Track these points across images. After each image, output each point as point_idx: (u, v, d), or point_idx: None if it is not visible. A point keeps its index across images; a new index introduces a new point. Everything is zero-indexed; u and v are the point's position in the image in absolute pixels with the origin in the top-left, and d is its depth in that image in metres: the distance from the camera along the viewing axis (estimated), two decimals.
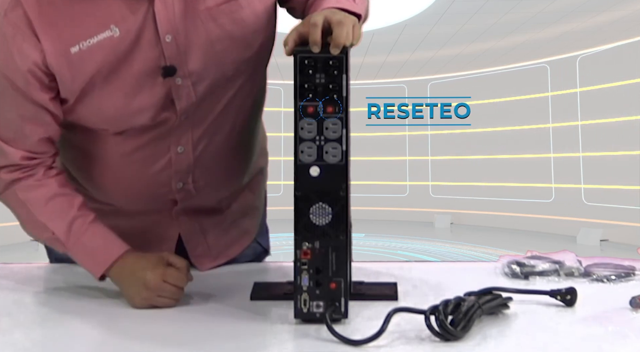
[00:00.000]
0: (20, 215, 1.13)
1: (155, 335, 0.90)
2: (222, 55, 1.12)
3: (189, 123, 1.16)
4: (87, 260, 1.09)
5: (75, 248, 1.09)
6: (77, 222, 1.09)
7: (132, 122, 1.12)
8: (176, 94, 1.11)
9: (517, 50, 9.04)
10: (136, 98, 1.09)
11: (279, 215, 1.45)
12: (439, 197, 11.22)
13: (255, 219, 1.44)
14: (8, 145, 1.10)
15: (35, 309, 1.11)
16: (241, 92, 1.19)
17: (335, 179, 0.89)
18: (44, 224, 1.09)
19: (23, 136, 1.10)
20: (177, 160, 1.19)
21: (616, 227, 8.40)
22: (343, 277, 0.90)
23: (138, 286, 1.02)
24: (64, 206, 1.10)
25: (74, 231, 1.08)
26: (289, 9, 1.23)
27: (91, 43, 1.04)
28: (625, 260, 1.25)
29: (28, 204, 1.10)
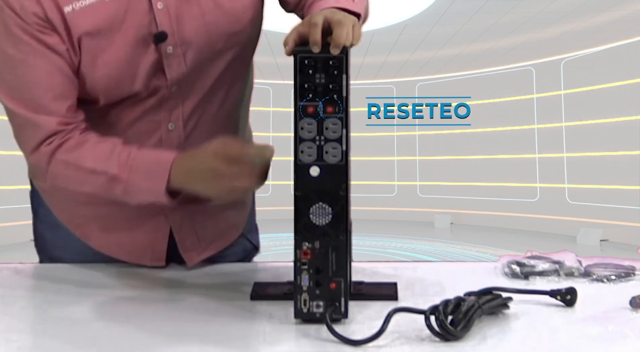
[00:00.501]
0: (70, 176, 1.10)
1: (154, 335, 0.90)
2: (212, 26, 1.15)
3: (180, 96, 1.18)
4: (147, 183, 1.05)
5: (131, 177, 1.06)
6: (124, 154, 1.07)
7: (124, 90, 1.13)
8: (167, 62, 1.13)
9: (517, 50, 9.04)
10: (128, 64, 1.11)
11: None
12: (439, 197, 11.23)
13: (243, 213, 1.45)
14: (41, 114, 1.08)
15: (30, 309, 1.11)
16: (230, 70, 1.22)
17: (335, 179, 0.89)
18: (94, 169, 1.07)
19: (54, 98, 1.08)
20: (167, 137, 1.20)
21: (616, 227, 8.41)
22: (343, 277, 0.90)
23: (208, 178, 1.00)
24: (108, 148, 1.08)
25: (124, 162, 1.06)
26: (281, 2, 1.25)
27: (84, 5, 1.07)
28: (625, 260, 1.25)
29: (73, 160, 1.08)
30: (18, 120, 1.10)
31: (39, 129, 1.08)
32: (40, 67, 1.07)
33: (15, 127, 1.12)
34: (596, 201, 8.87)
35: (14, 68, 1.08)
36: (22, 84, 1.08)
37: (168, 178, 1.03)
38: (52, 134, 1.08)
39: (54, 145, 1.08)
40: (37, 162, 1.11)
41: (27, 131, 1.10)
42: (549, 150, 9.77)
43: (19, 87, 1.08)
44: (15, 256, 1.39)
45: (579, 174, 9.18)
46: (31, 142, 1.09)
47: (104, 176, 1.06)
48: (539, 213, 9.70)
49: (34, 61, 1.07)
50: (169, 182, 1.03)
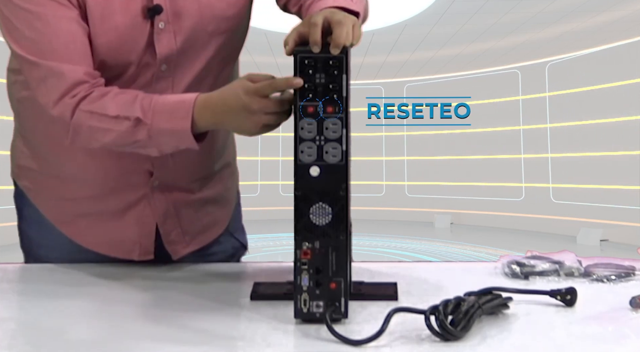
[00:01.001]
0: (93, 127, 1.09)
1: (153, 335, 0.90)
2: (205, 7, 1.17)
3: (170, 77, 1.19)
4: (171, 123, 1.05)
5: (154, 119, 1.05)
6: (146, 100, 1.07)
7: (116, 63, 1.14)
8: (157, 37, 1.15)
9: (517, 50, 9.04)
10: (127, 35, 1.13)
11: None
12: (439, 197, 11.23)
13: (226, 209, 1.46)
14: (64, 63, 1.08)
15: (27, 309, 1.11)
16: (219, 57, 1.23)
17: (335, 179, 0.89)
18: (117, 115, 1.06)
19: (76, 49, 1.09)
20: None
21: (616, 227, 8.41)
22: (343, 277, 0.90)
23: (241, 114, 0.99)
24: (131, 96, 1.08)
25: (146, 106, 1.06)
26: (285, 9, 1.25)
27: None
28: (625, 260, 1.25)
29: (96, 110, 1.07)
30: (40, 73, 1.09)
31: (64, 79, 1.08)
32: (60, 17, 1.08)
33: (36, 80, 1.11)
34: (596, 201, 8.88)
35: (32, 22, 1.08)
36: (44, 36, 1.08)
37: (192, 117, 1.03)
38: (78, 83, 1.08)
39: (78, 97, 1.08)
40: (61, 114, 1.10)
41: (51, 82, 1.09)
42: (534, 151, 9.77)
43: (40, 40, 1.08)
44: (16, 256, 1.39)
45: (586, 174, 9.17)
46: (55, 93, 1.09)
47: (127, 121, 1.06)
48: (539, 213, 9.70)
49: (52, 12, 1.08)
50: (194, 122, 1.04)
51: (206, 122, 1.05)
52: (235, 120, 1.02)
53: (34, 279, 1.26)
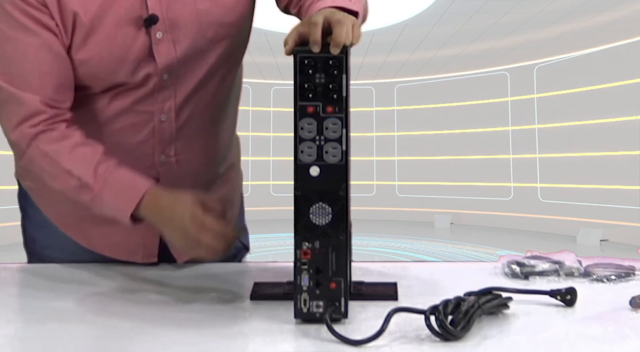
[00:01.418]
0: (45, 168, 1.09)
1: (153, 335, 0.90)
2: (203, 15, 1.16)
3: (172, 86, 1.19)
4: (116, 201, 1.06)
5: (103, 191, 1.06)
6: (102, 165, 1.07)
7: (113, 74, 1.14)
8: (156, 47, 1.14)
9: (517, 50, 9.05)
10: (118, 47, 1.12)
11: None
12: (439, 197, 11.24)
13: (231, 212, 1.46)
14: (25, 92, 1.08)
15: (18, 308, 1.11)
16: (222, 63, 1.23)
17: (335, 179, 0.89)
18: (69, 170, 1.07)
19: (40, 76, 1.08)
20: (160, 128, 1.21)
21: (616, 227, 8.41)
22: (343, 277, 0.90)
23: (178, 234, 1.01)
24: (88, 153, 1.08)
25: (100, 174, 1.06)
26: (284, 10, 1.25)
27: None
28: (625, 260, 1.25)
29: (51, 154, 1.08)
30: (3, 95, 1.10)
31: (23, 106, 1.08)
32: (29, 44, 1.07)
33: (0, 101, 1.12)
34: (596, 201, 8.88)
35: (3, 43, 1.08)
36: (11, 59, 1.08)
37: (138, 205, 1.04)
38: (35, 113, 1.08)
39: (37, 129, 1.08)
40: (17, 141, 1.10)
41: (11, 107, 1.10)
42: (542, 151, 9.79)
43: (7, 62, 1.09)
44: (16, 256, 1.39)
45: (583, 174, 9.18)
46: (14, 118, 1.09)
47: (77, 180, 1.06)
48: (539, 213, 9.71)
49: (24, 38, 1.07)
50: (137, 209, 1.04)
51: (146, 217, 1.06)
52: (171, 234, 1.03)
53: (37, 278, 1.26)
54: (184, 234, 1.00)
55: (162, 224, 1.04)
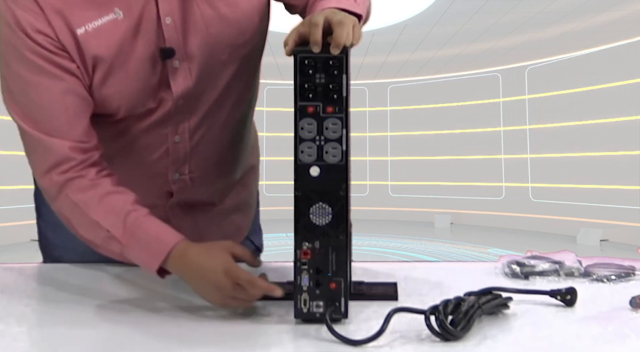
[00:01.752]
0: (74, 218, 1.07)
1: (154, 335, 0.90)
2: (216, 38, 1.14)
3: (186, 110, 1.17)
4: (142, 255, 1.02)
5: (130, 243, 1.02)
6: (131, 216, 1.03)
7: (133, 106, 1.13)
8: (173, 76, 1.13)
9: (516, 50, 9.05)
10: (138, 81, 1.10)
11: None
12: (439, 197, 11.24)
13: (248, 216, 1.46)
14: (53, 137, 1.06)
15: (32, 309, 1.11)
16: (235, 81, 1.21)
17: (335, 179, 0.89)
18: (98, 222, 1.04)
19: (67, 120, 1.06)
20: (174, 149, 1.20)
21: (616, 227, 8.41)
22: (343, 277, 0.90)
23: (211, 291, 0.96)
24: (118, 203, 1.05)
25: (129, 226, 1.02)
26: (287, 5, 1.24)
27: (96, 25, 1.06)
28: (625, 260, 1.25)
29: (81, 204, 1.05)
30: (30, 141, 1.08)
31: (51, 153, 1.06)
32: (53, 89, 1.05)
33: (27, 146, 1.10)
34: (596, 201, 8.88)
35: (26, 90, 1.06)
36: (36, 105, 1.06)
37: (164, 260, 1.00)
38: (65, 160, 1.06)
39: (66, 177, 1.06)
40: (47, 188, 1.08)
41: (39, 153, 1.08)
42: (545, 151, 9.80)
43: (32, 109, 1.06)
44: (15, 256, 1.39)
45: (584, 174, 9.18)
46: (42, 165, 1.07)
47: (106, 232, 1.03)
48: (539, 213, 9.71)
49: (47, 83, 1.05)
50: (164, 264, 1.01)
51: (174, 271, 1.02)
52: (202, 289, 0.98)
53: (50, 278, 1.27)
54: (217, 290, 0.95)
55: (193, 279, 0.99)
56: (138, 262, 1.04)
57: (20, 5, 1.03)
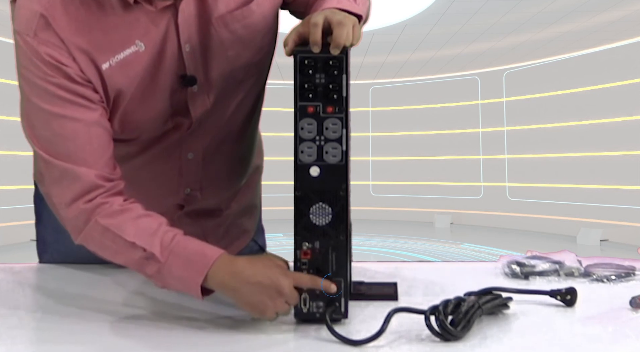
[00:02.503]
0: (106, 244, 1.01)
1: (154, 336, 0.90)
2: (234, 60, 1.13)
3: (201, 130, 1.18)
4: (185, 269, 0.95)
5: (170, 260, 0.96)
6: (168, 235, 0.98)
7: (152, 131, 1.13)
8: (192, 101, 1.13)
9: (517, 50, 9.05)
10: (159, 109, 1.11)
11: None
12: (439, 197, 11.25)
13: (254, 218, 1.46)
14: (80, 166, 1.02)
15: (31, 309, 1.11)
16: (249, 95, 1.21)
17: (335, 179, 0.89)
18: (133, 243, 0.98)
19: (92, 150, 1.03)
20: (187, 166, 1.21)
21: (616, 227, 8.41)
22: (343, 277, 0.90)
23: (266, 293, 0.90)
24: (152, 224, 1.00)
25: (166, 244, 0.97)
26: (292, 11, 1.24)
27: (119, 59, 1.05)
28: (625, 260, 1.25)
29: (113, 227, 0.99)
30: (55, 172, 1.04)
31: (78, 181, 1.02)
32: (78, 121, 1.03)
33: (51, 179, 1.06)
34: (596, 201, 8.88)
35: (49, 122, 1.03)
36: (60, 137, 1.03)
37: (207, 273, 0.94)
38: (93, 188, 1.02)
39: (94, 203, 1.01)
40: (74, 218, 1.03)
41: (65, 183, 1.03)
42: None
43: (56, 141, 1.04)
44: (15, 256, 1.38)
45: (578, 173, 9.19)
46: (69, 194, 1.03)
47: (142, 252, 0.98)
48: (539, 213, 9.72)
49: (71, 114, 1.02)
50: (207, 278, 0.94)
51: (217, 283, 0.94)
52: (253, 295, 0.91)
53: (49, 278, 1.27)
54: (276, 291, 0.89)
55: (242, 287, 0.92)
56: (177, 282, 0.97)
57: (43, 42, 1.01)
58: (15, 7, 1.03)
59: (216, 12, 1.10)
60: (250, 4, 1.12)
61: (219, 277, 0.93)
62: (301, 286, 0.90)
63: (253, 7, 1.12)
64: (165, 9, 1.06)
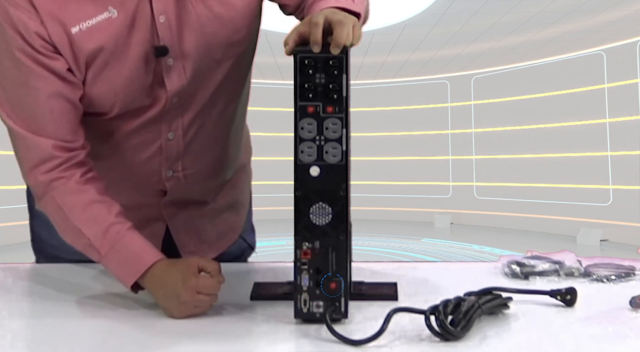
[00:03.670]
0: (57, 220, 1.09)
1: (154, 335, 0.90)
2: (211, 38, 1.14)
3: (180, 107, 1.18)
4: (120, 269, 1.03)
5: (109, 256, 1.03)
6: (113, 228, 1.04)
7: (126, 104, 1.13)
8: (167, 74, 1.13)
9: (517, 50, 9.05)
10: (131, 79, 1.11)
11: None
12: (439, 197, 11.25)
13: (241, 215, 1.46)
14: (37, 136, 1.06)
15: (30, 309, 1.11)
16: (229, 78, 1.21)
17: (335, 179, 0.89)
18: (80, 229, 1.05)
19: (52, 120, 1.07)
20: (167, 146, 1.21)
21: (616, 227, 8.41)
22: (343, 277, 0.90)
23: (172, 300, 0.97)
24: (102, 212, 1.05)
25: (109, 238, 1.03)
26: (280, 5, 1.24)
27: (90, 24, 1.06)
28: (625, 260, 1.25)
29: (65, 208, 1.06)
30: (16, 139, 1.09)
31: (36, 151, 1.07)
32: (41, 90, 1.06)
33: (14, 144, 1.11)
34: (596, 201, 8.88)
35: (15, 88, 1.07)
36: (24, 104, 1.07)
37: (141, 276, 1.01)
38: (48, 158, 1.06)
39: (51, 176, 1.06)
40: (33, 185, 1.10)
41: (24, 151, 1.09)
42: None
43: (20, 107, 1.07)
44: (15, 256, 1.38)
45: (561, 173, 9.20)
46: (28, 163, 1.08)
47: (87, 240, 1.04)
48: (539, 213, 9.72)
49: (35, 84, 1.05)
50: (139, 281, 1.02)
51: (146, 287, 1.03)
52: (163, 301, 0.99)
53: (46, 277, 1.27)
54: (177, 300, 0.96)
55: (156, 294, 1.00)
56: (114, 275, 1.05)
57: (13, 4, 1.04)
58: None
59: None
60: None
61: (146, 283, 1.01)
62: (205, 292, 0.96)
63: None
64: None
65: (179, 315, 0.97)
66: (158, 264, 1.02)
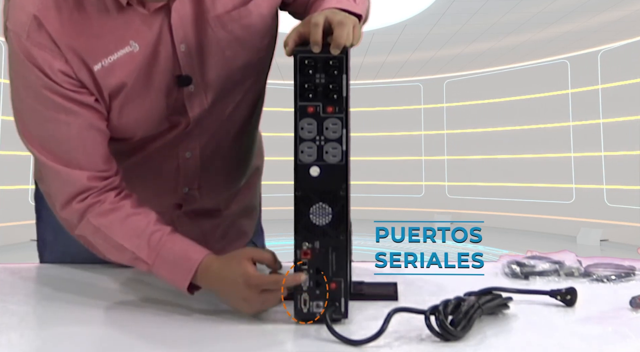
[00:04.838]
0: (98, 242, 1.06)
1: (154, 335, 0.90)
2: (232, 61, 1.13)
3: (199, 128, 1.17)
4: (171, 274, 1.01)
5: (157, 264, 1.02)
6: (155, 236, 1.02)
7: (148, 131, 1.13)
8: (189, 101, 1.12)
9: (516, 50, 9.06)
10: (154, 109, 1.10)
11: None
12: (439, 197, 11.26)
13: (253, 220, 1.46)
14: (72, 169, 1.05)
15: (31, 309, 1.11)
16: (247, 95, 1.21)
17: (336, 179, 0.89)
18: (122, 245, 1.03)
19: (85, 152, 1.05)
20: (184, 165, 1.21)
21: (616, 227, 8.41)
22: (343, 277, 0.90)
23: (238, 300, 0.95)
24: (140, 224, 1.04)
25: (153, 247, 1.01)
26: (291, 12, 1.23)
27: (112, 60, 1.04)
28: (625, 260, 1.25)
29: (103, 228, 1.04)
30: (49, 172, 1.07)
31: (70, 184, 1.05)
32: (72, 125, 1.04)
33: (46, 177, 1.09)
34: (596, 201, 8.88)
35: (43, 123, 1.05)
36: (54, 138, 1.05)
37: (193, 275, 0.99)
38: (85, 190, 1.05)
39: (86, 203, 1.05)
40: (68, 217, 1.07)
41: (58, 184, 1.07)
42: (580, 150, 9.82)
43: (49, 141, 1.05)
44: (15, 256, 1.38)
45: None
46: (62, 196, 1.06)
47: (131, 253, 1.03)
48: (540, 213, 9.72)
49: (65, 118, 1.03)
50: (193, 281, 1.00)
51: (204, 286, 1.00)
52: (231, 302, 0.97)
53: (49, 278, 1.27)
54: (244, 301, 0.94)
55: (221, 293, 0.98)
56: (166, 280, 1.03)
57: (36, 43, 1.00)
58: (10, 6, 1.03)
59: (213, 12, 1.09)
60: (248, 4, 1.12)
61: (201, 281, 0.99)
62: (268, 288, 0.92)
63: (251, 8, 1.12)
64: (159, 10, 1.05)
65: (250, 312, 0.95)
66: (207, 260, 0.99)
